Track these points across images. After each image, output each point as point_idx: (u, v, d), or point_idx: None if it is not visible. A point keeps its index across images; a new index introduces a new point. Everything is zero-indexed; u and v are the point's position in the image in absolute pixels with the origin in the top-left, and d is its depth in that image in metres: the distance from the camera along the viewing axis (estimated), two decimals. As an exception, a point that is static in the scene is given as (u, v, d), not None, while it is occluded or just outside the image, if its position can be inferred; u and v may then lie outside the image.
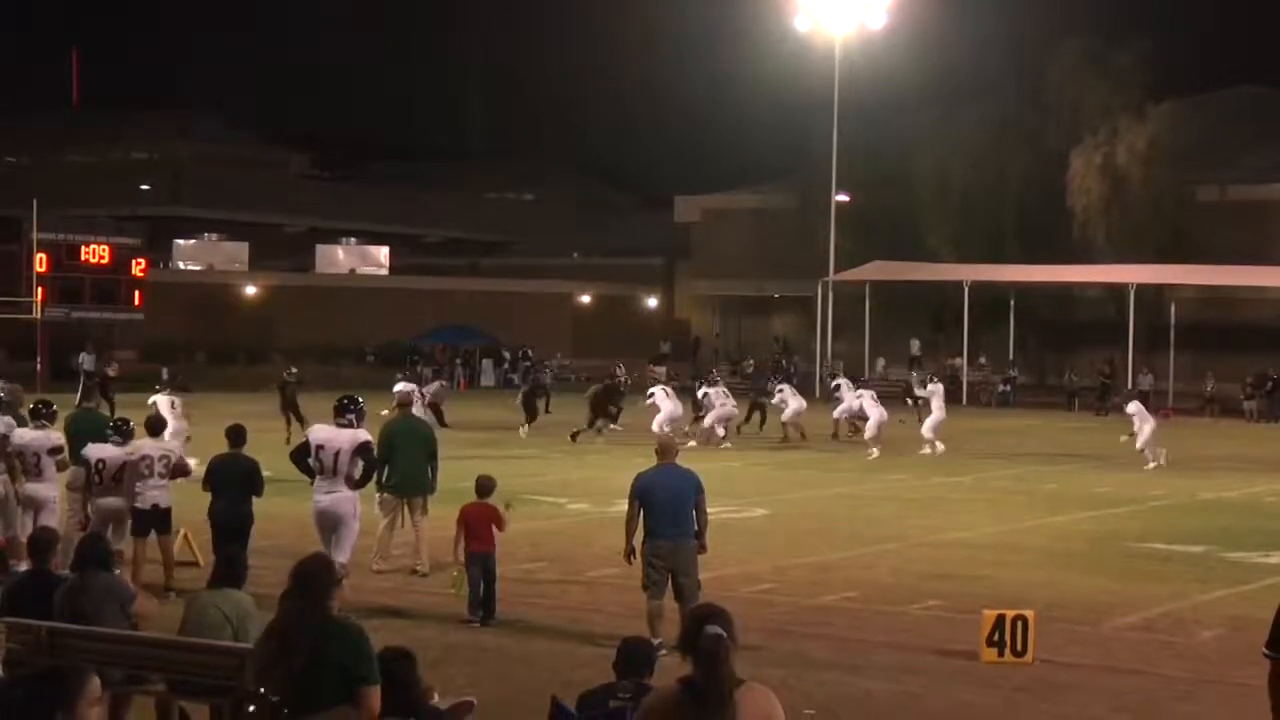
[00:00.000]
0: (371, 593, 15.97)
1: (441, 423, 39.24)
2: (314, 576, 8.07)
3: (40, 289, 65.07)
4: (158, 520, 16.43)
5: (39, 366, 56.84)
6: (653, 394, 36.67)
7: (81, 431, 17.50)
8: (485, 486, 15.72)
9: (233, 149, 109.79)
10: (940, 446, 33.92)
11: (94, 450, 16.50)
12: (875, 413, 34.66)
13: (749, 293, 73.14)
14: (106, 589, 10.50)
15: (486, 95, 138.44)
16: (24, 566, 12.53)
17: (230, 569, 10.55)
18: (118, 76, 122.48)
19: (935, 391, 35.34)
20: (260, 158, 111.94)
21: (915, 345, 63.72)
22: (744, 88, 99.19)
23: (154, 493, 16.40)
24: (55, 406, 17.87)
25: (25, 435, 16.79)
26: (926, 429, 34.47)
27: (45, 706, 5.62)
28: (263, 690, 7.79)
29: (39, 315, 62.60)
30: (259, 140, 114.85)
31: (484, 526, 15.32)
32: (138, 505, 16.34)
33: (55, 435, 16.93)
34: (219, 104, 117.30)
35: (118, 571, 14.41)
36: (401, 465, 17.77)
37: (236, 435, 16.69)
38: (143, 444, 16.71)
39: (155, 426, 17.09)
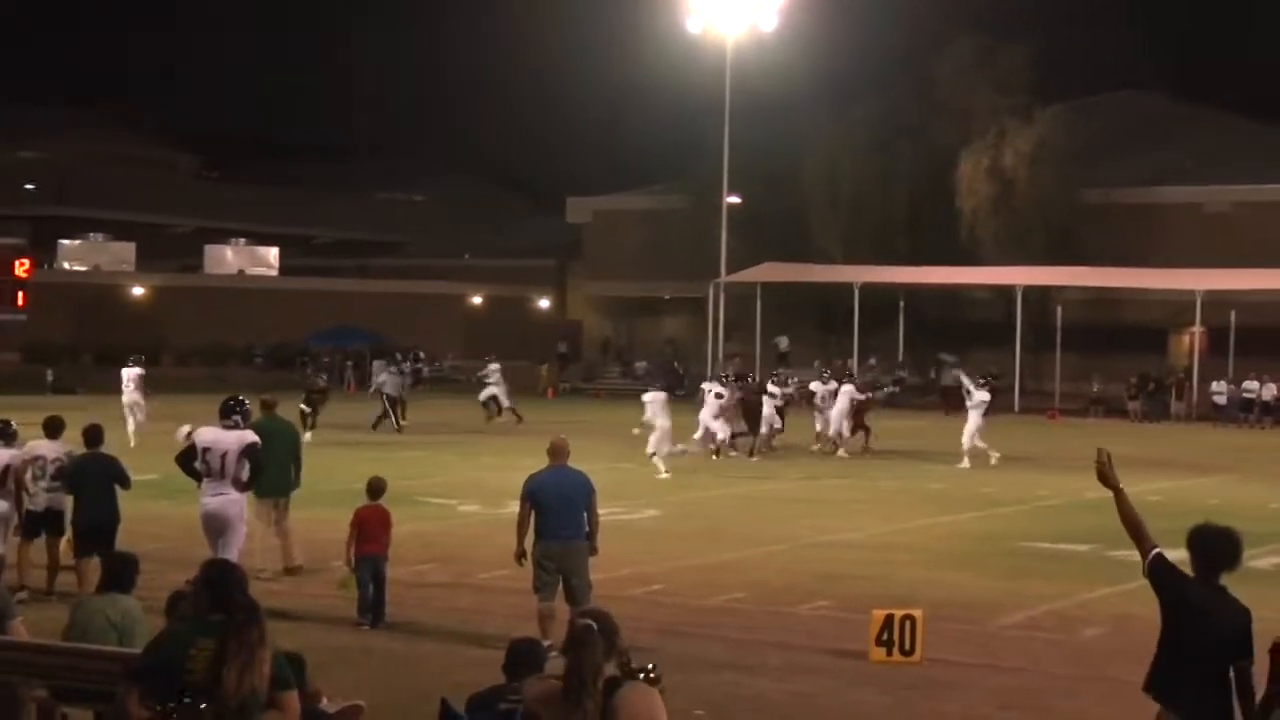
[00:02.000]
0: (259, 594, 15.72)
1: (396, 420, 39.68)
2: (234, 584, 8.04)
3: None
4: (49, 523, 16.19)
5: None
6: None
7: None
8: (377, 488, 15.65)
9: (119, 148, 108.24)
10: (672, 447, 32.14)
11: None
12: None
13: (641, 294, 73.27)
14: (-13, 596, 10.32)
15: (378, 95, 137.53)
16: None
17: (119, 574, 10.40)
18: (1, 73, 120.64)
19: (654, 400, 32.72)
20: (147, 157, 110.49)
21: (784, 342, 64.08)
22: (636, 89, 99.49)
23: (47, 495, 16.15)
24: None
25: None
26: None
27: None
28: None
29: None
30: (145, 139, 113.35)
31: (377, 528, 15.25)
32: (30, 508, 16.08)
33: None
34: (105, 103, 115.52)
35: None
36: (267, 467, 17.58)
37: (94, 435, 16.38)
38: (37, 445, 16.45)
39: (53, 428, 16.80)
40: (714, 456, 33.52)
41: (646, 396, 32.08)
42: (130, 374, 36.93)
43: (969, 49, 64.14)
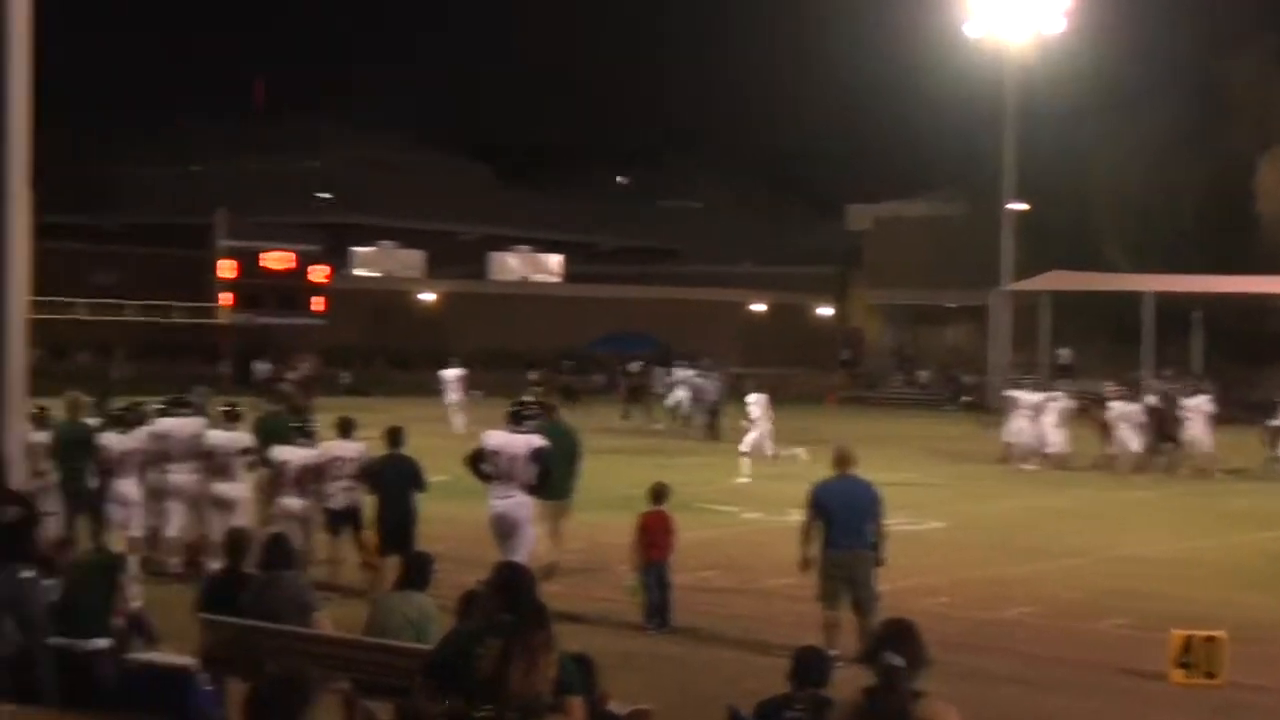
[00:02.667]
0: (545, 596, 15.86)
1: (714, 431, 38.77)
2: (523, 586, 8.19)
3: (226, 294, 66.74)
4: (349, 520, 16.69)
5: (225, 370, 58.18)
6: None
7: (269, 434, 17.86)
8: (660, 493, 15.72)
9: (409, 156, 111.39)
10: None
11: (280, 452, 16.86)
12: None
13: (921, 302, 72.43)
14: (291, 590, 10.71)
15: (662, 103, 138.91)
16: (217, 565, 12.82)
17: (416, 572, 10.69)
18: (298, 84, 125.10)
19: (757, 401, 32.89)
20: (435, 165, 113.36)
21: (1066, 354, 62.45)
22: (917, 94, 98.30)
23: (346, 493, 16.66)
24: (243, 409, 18.26)
25: (216, 437, 17.22)
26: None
27: (290, 709, 5.84)
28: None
29: (226, 320, 64.13)
30: (435, 148, 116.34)
31: (660, 534, 15.32)
32: (331, 505, 16.66)
33: (244, 437, 17.34)
34: (396, 112, 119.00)
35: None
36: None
37: (395, 436, 16.80)
38: (333, 445, 17.02)
39: (346, 429, 17.33)
40: (1024, 466, 32.74)
41: (750, 398, 32.32)
42: (451, 375, 39.42)
43: (1264, 47, 61.64)
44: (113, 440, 17.14)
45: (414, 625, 10.21)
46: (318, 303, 74.66)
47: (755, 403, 31.74)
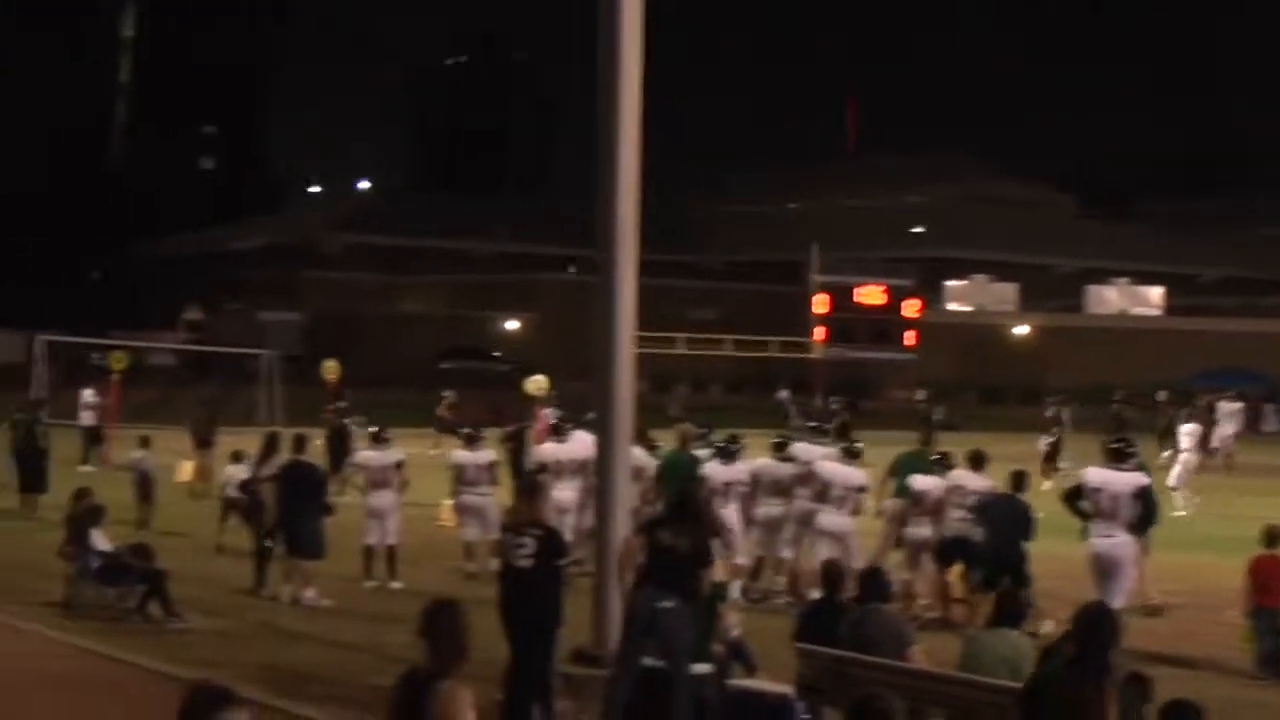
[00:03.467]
0: (1145, 636, 15.22)
1: None
2: (1104, 630, 7.96)
3: (818, 329, 68.00)
4: (958, 551, 16.57)
5: (817, 405, 59.18)
6: None
7: (905, 467, 18.13)
8: (1275, 536, 14.91)
9: (1002, 190, 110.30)
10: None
11: (917, 482, 17.17)
12: None
13: None
14: (886, 624, 10.75)
15: (1267, 126, 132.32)
16: (816, 594, 12.98)
17: (1009, 610, 10.52)
18: (892, 122, 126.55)
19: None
20: (1029, 199, 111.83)
21: None
22: None
23: (959, 525, 16.65)
24: (862, 446, 18.55)
25: (833, 470, 17.45)
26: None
27: None
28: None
29: (818, 355, 65.30)
30: (1028, 181, 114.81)
31: (1273, 578, 14.51)
32: (947, 535, 16.60)
33: (860, 474, 17.62)
34: (990, 146, 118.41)
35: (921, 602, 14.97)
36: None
37: (1019, 480, 16.62)
38: (962, 475, 17.07)
39: (977, 462, 17.30)
40: None
41: (1184, 428, 30.87)
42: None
43: None
44: (716, 470, 17.67)
45: (1008, 663, 10.03)
46: (909, 337, 74.89)
47: (1188, 434, 30.25)
